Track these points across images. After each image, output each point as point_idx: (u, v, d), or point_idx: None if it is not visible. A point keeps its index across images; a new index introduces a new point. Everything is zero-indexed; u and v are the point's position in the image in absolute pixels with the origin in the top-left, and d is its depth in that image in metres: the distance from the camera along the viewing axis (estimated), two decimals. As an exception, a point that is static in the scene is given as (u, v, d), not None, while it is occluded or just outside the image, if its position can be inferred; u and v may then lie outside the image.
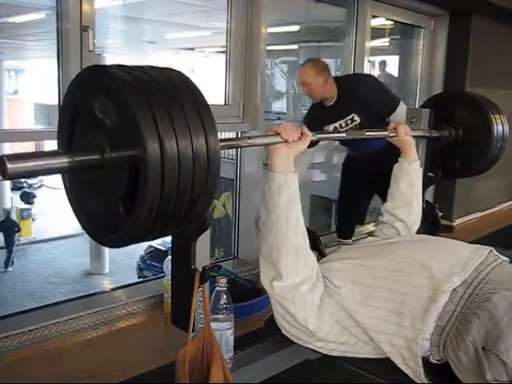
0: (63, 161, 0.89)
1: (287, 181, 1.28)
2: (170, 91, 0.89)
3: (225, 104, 2.74)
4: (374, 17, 3.57)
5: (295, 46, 7.02)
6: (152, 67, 0.94)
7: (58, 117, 1.05)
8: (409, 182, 1.71)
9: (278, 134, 1.29)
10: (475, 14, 3.89)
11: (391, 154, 1.78)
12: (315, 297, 1.30)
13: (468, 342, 1.18)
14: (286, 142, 1.29)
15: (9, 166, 0.81)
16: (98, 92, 0.92)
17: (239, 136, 2.80)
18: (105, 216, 0.96)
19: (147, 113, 0.84)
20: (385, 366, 1.33)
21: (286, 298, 1.27)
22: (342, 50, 3.69)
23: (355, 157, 3.05)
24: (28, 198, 13.83)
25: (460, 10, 3.88)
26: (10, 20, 6.69)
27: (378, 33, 3.77)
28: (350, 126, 2.77)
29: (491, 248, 1.38)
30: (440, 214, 2.47)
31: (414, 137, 1.76)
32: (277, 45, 6.56)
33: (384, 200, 1.76)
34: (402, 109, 2.68)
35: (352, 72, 3.46)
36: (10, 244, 11.01)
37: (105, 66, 0.92)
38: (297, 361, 1.68)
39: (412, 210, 1.71)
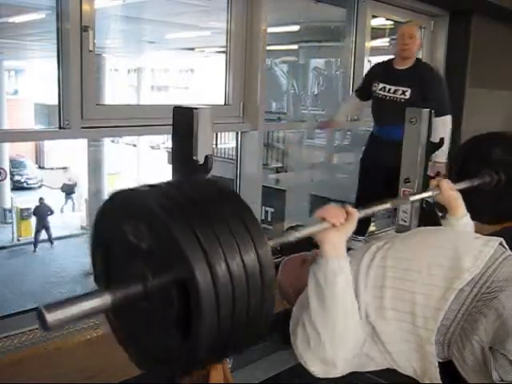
0: (105, 300, 0.83)
1: (342, 266, 1.23)
2: (209, 206, 0.83)
3: (225, 104, 2.75)
4: (374, 17, 3.58)
5: (295, 46, 7.01)
6: (183, 182, 0.90)
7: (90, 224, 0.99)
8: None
9: (323, 219, 1.23)
10: (475, 14, 3.89)
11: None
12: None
13: (474, 341, 1.17)
14: (334, 226, 1.23)
15: (48, 317, 0.74)
16: (130, 219, 0.85)
17: (239, 134, 2.81)
18: (159, 347, 0.90)
19: (190, 235, 0.77)
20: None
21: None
22: (341, 50, 3.69)
23: (374, 145, 3.08)
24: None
25: (460, 10, 3.88)
26: (10, 20, 6.69)
27: (377, 33, 3.77)
28: (397, 95, 2.86)
29: (501, 239, 1.37)
30: (440, 215, 2.47)
31: (460, 191, 1.69)
32: (277, 45, 6.56)
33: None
34: (443, 122, 2.77)
35: (352, 72, 3.47)
36: (46, 227, 11.78)
37: (134, 190, 0.87)
38: (296, 361, 1.68)
39: None
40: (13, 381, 1.68)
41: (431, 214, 2.42)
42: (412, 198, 1.75)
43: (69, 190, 14.29)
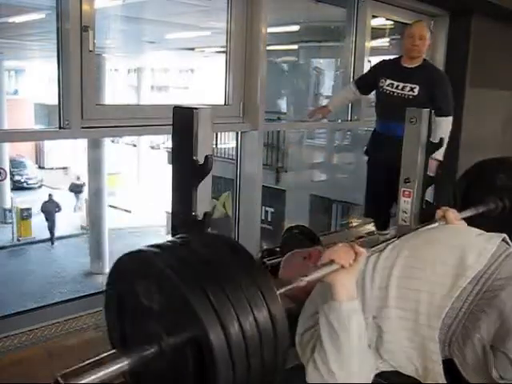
0: (123, 364, 0.82)
1: (355, 308, 1.23)
2: (219, 265, 0.84)
3: (225, 104, 2.74)
4: (374, 17, 3.58)
5: (295, 46, 7.02)
6: (192, 239, 0.90)
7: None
8: None
9: (332, 261, 1.22)
10: (475, 14, 3.89)
11: None
12: None
13: (476, 339, 1.17)
14: (343, 267, 1.22)
15: None
16: (142, 280, 0.86)
17: (240, 134, 2.81)
18: None
19: (201, 295, 0.77)
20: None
21: None
22: (341, 50, 3.69)
23: (379, 138, 3.07)
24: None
25: (460, 10, 3.88)
26: (10, 20, 6.69)
27: (377, 33, 3.77)
28: (406, 92, 2.88)
29: (504, 235, 1.37)
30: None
31: (464, 219, 1.71)
32: (277, 45, 6.56)
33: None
34: (446, 122, 2.80)
35: (352, 71, 3.47)
36: (52, 223, 12.01)
37: (144, 252, 0.87)
38: (297, 361, 1.68)
39: None
40: (13, 381, 1.68)
41: (431, 214, 2.42)
42: (417, 227, 1.73)
43: (77, 190, 14.31)
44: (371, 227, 3.44)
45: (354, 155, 5.12)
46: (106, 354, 0.85)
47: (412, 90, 2.86)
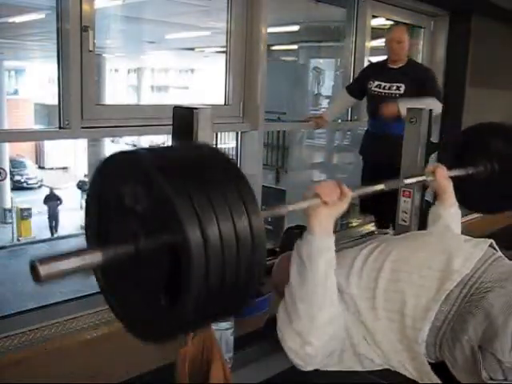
0: (97, 257, 0.84)
1: (327, 244, 1.23)
2: (206, 171, 0.84)
3: (225, 104, 2.74)
4: (374, 17, 3.58)
5: (295, 46, 7.01)
6: (183, 147, 0.91)
7: (84, 213, 0.98)
8: (445, 227, 1.66)
9: (316, 195, 1.22)
10: (475, 14, 3.89)
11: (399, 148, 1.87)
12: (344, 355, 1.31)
13: (464, 341, 1.18)
14: (326, 203, 1.22)
15: (41, 270, 0.78)
16: (127, 179, 0.87)
17: (239, 134, 2.81)
18: (146, 310, 0.90)
19: (185, 198, 0.78)
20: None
21: (315, 364, 1.27)
22: (341, 50, 3.69)
23: (371, 137, 3.21)
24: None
25: (460, 10, 3.88)
26: (10, 20, 6.69)
27: (377, 33, 3.76)
28: (393, 91, 3.02)
29: (491, 240, 1.38)
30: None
31: (452, 178, 1.72)
32: (277, 45, 6.56)
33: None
34: (432, 101, 2.85)
35: (352, 72, 3.48)
36: (54, 214, 13.14)
37: (133, 152, 0.88)
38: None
39: None
40: (13, 381, 1.68)
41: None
42: (406, 181, 1.77)
43: (85, 187, 14.37)
44: (371, 227, 3.44)
45: (354, 155, 5.12)
46: (83, 248, 0.87)
47: (398, 88, 3.01)
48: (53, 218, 13.04)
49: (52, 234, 12.86)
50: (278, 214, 1.25)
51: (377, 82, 3.06)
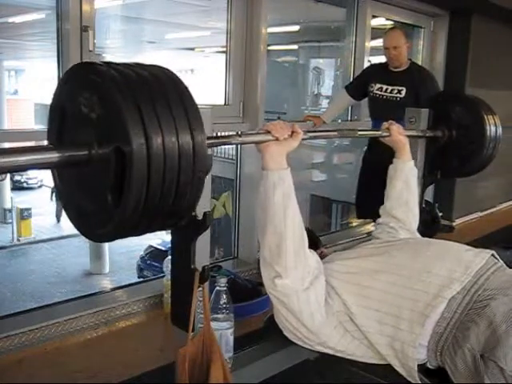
0: (52, 156, 0.92)
1: (281, 177, 1.28)
2: (157, 89, 0.91)
3: (225, 104, 2.74)
4: (374, 17, 3.58)
5: (295, 46, 7.01)
6: (140, 65, 0.97)
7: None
8: (404, 181, 1.71)
9: (268, 132, 1.30)
10: (475, 14, 3.89)
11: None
12: (318, 292, 1.30)
13: (466, 349, 1.18)
14: (277, 139, 1.30)
15: (0, 160, 0.83)
16: (85, 89, 0.93)
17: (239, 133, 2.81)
18: (94, 210, 0.98)
19: (134, 110, 0.86)
20: (384, 366, 1.33)
21: (290, 295, 1.27)
22: (341, 50, 3.69)
23: (372, 144, 3.10)
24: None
25: (460, 10, 3.88)
26: (10, 20, 6.69)
27: (377, 33, 3.76)
28: (394, 94, 3.02)
29: (492, 252, 1.38)
30: (440, 214, 2.47)
31: (408, 137, 1.76)
32: (277, 45, 6.56)
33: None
34: None
35: (352, 71, 3.48)
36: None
37: (92, 64, 0.94)
38: (296, 361, 1.68)
39: (409, 209, 1.71)
40: (13, 381, 1.68)
41: (431, 215, 2.42)
42: (360, 133, 1.83)
43: None
44: (371, 227, 3.44)
45: (353, 155, 5.12)
46: (40, 145, 0.97)
47: (399, 92, 3.02)
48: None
49: (58, 220, 13.07)
50: (227, 143, 1.36)
51: (378, 85, 3.07)
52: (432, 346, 1.24)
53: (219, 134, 1.44)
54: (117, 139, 0.88)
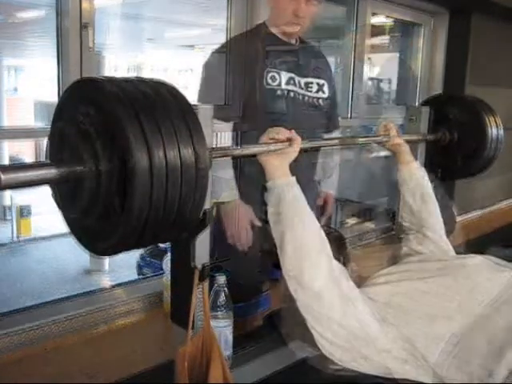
0: (53, 172, 0.94)
1: (289, 183, 1.29)
2: (158, 101, 0.93)
3: (225, 104, 2.74)
4: (373, 14, 3.57)
5: (295, 45, 7.00)
6: (142, 80, 0.98)
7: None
8: (415, 184, 1.71)
9: (265, 143, 1.33)
10: (475, 12, 3.88)
11: None
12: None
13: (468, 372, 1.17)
14: (276, 140, 1.32)
15: (2, 177, 0.85)
16: (87, 105, 0.94)
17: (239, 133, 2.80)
18: (96, 225, 0.99)
19: (135, 123, 0.88)
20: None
21: (321, 292, 1.25)
22: (341, 48, 3.68)
23: None
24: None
25: (460, 8, 3.88)
26: (10, 18, 6.67)
27: (376, 31, 3.77)
28: (313, 95, 2.24)
29: None
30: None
31: (408, 141, 1.75)
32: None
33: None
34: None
35: (352, 69, 3.47)
36: None
37: (95, 80, 0.95)
38: (296, 359, 1.68)
39: (429, 211, 1.70)
40: (12, 381, 1.68)
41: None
42: (360, 140, 1.84)
43: None
44: (370, 224, 3.43)
45: (353, 153, 5.11)
46: (42, 162, 0.99)
47: (322, 89, 2.51)
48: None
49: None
50: (230, 155, 1.39)
51: (288, 74, 2.36)
52: (439, 361, 1.22)
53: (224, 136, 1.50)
54: (120, 155, 0.90)
